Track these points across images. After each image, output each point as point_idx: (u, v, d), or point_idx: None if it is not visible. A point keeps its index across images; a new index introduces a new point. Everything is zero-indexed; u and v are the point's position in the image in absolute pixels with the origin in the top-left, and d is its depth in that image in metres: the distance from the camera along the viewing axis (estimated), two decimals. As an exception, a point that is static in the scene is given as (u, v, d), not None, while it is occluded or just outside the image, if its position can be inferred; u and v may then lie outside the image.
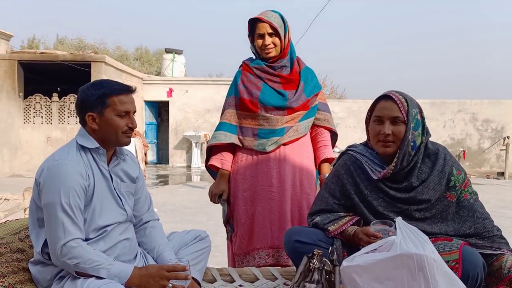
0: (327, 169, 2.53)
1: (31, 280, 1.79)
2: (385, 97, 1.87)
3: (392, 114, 1.83)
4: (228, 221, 2.60)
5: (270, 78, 2.47)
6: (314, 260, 1.67)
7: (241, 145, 2.50)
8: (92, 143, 1.76)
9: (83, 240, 1.69)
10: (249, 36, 2.49)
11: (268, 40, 2.40)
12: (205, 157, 2.67)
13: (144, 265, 1.87)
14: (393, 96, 1.84)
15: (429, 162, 1.89)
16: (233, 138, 2.49)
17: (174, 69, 15.15)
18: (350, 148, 2.06)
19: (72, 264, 1.62)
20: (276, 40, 2.42)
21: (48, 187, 1.65)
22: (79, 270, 1.63)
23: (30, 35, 23.72)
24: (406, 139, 1.81)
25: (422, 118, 1.87)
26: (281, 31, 2.40)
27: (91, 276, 1.64)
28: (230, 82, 2.63)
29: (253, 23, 2.43)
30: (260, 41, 2.42)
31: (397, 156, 1.83)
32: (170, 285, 1.67)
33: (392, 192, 1.88)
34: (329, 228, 1.94)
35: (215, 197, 2.51)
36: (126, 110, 1.77)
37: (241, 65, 2.60)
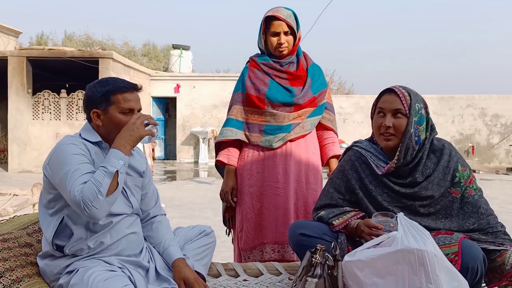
0: (335, 165, 2.55)
1: (38, 274, 1.82)
2: (388, 90, 1.90)
3: (393, 107, 1.85)
4: (228, 220, 2.64)
5: (278, 74, 2.48)
6: (317, 255, 1.68)
7: (247, 141, 2.51)
8: (95, 137, 1.79)
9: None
10: (262, 33, 2.48)
11: (284, 38, 2.40)
12: (212, 152, 2.71)
13: (150, 259, 1.89)
14: (396, 90, 1.87)
15: (434, 157, 1.90)
16: (239, 134, 2.50)
17: (182, 65, 15.18)
18: (355, 144, 2.07)
19: (99, 199, 1.59)
20: (290, 38, 2.43)
21: (56, 166, 1.68)
22: (107, 194, 1.61)
23: (38, 32, 23.86)
24: (407, 132, 1.82)
25: (427, 113, 1.88)
26: (295, 30, 2.42)
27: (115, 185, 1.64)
28: (237, 78, 2.63)
29: (268, 20, 2.42)
30: (274, 39, 2.42)
31: (399, 149, 1.84)
32: (147, 121, 1.74)
33: (397, 187, 1.89)
34: (333, 222, 1.96)
35: (227, 195, 2.52)
36: (130, 108, 1.78)
37: (248, 61, 2.61)
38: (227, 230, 2.72)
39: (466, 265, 1.66)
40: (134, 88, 1.82)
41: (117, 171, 1.64)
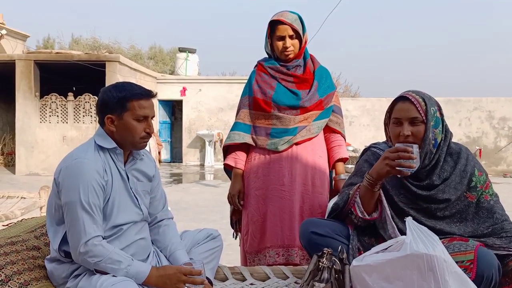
0: (341, 168, 2.55)
1: (46, 277, 1.82)
2: (402, 98, 1.87)
3: (410, 115, 1.83)
4: (236, 223, 2.64)
5: (284, 77, 2.49)
6: (324, 259, 1.67)
7: (254, 144, 2.52)
8: (110, 143, 1.79)
9: (103, 238, 1.71)
10: (268, 37, 2.49)
11: (289, 42, 2.41)
12: (218, 155, 2.71)
13: (157, 264, 1.89)
14: (410, 97, 1.84)
15: (451, 161, 1.89)
16: (246, 138, 2.51)
17: (188, 68, 15.22)
18: (373, 145, 2.08)
19: (93, 262, 1.65)
20: (296, 42, 2.43)
21: (67, 186, 1.68)
22: (99, 268, 1.66)
23: (45, 35, 24.00)
24: (426, 138, 1.82)
25: (441, 115, 1.88)
26: (301, 33, 2.42)
27: (107, 273, 1.67)
28: (243, 81, 2.65)
29: (274, 24, 2.43)
30: (280, 43, 2.43)
31: (419, 155, 1.83)
32: None
33: (414, 189, 1.87)
34: (349, 193, 1.92)
35: (234, 198, 2.53)
36: (144, 115, 1.79)
37: (255, 65, 2.62)
38: (234, 233, 2.72)
39: (481, 273, 1.63)
40: (150, 95, 1.83)
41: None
